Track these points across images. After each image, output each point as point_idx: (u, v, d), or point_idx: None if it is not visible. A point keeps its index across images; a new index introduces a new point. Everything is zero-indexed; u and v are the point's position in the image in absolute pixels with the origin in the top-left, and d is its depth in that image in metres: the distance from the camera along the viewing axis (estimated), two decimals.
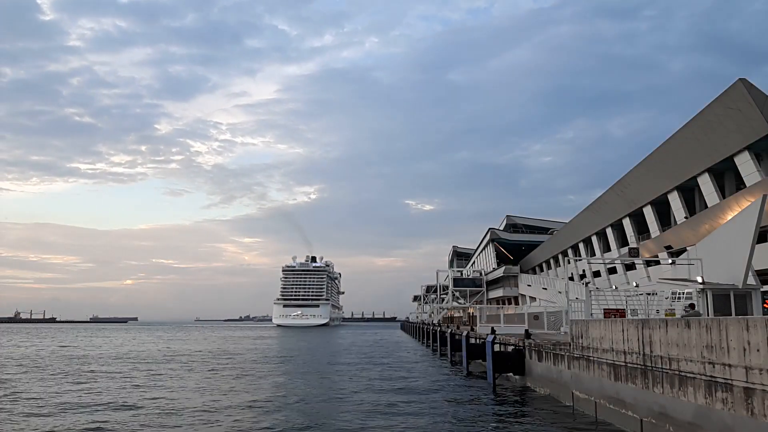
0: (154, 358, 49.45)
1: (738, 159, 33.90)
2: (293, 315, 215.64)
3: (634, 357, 15.44)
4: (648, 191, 46.32)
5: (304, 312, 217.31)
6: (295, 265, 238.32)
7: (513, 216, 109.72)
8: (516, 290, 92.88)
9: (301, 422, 19.25)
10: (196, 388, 28.50)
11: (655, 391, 14.26)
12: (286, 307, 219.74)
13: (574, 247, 68.62)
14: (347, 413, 21.02)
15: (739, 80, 30.62)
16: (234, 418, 19.90)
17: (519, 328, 35.04)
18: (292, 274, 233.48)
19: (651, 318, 20.05)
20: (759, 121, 30.67)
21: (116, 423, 18.81)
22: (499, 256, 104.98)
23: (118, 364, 42.82)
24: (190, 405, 22.56)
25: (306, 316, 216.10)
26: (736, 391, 11.18)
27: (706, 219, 37.57)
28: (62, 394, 26.04)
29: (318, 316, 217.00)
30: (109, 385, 29.17)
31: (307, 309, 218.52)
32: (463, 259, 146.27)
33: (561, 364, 21.40)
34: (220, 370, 38.86)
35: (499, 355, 28.24)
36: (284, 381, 32.09)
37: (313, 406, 22.84)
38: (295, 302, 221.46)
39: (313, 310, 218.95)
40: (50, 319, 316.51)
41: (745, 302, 20.14)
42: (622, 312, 22.80)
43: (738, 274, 20.03)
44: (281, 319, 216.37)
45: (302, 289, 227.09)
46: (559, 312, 37.05)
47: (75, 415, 20.43)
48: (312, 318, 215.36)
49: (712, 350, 11.96)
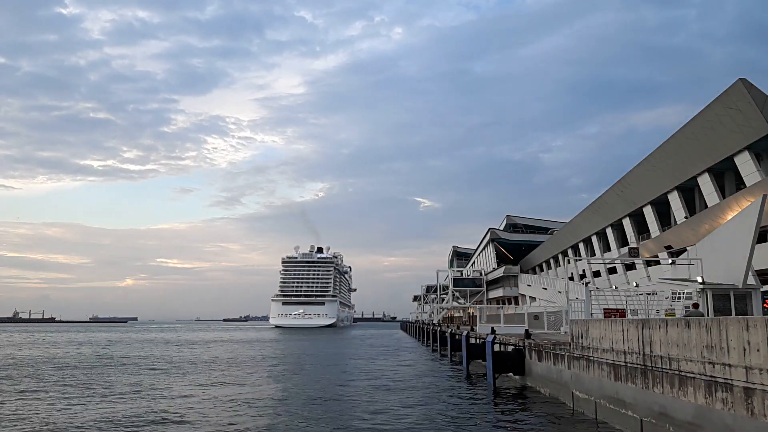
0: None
1: (738, 159, 33.89)
2: (294, 314, 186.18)
3: (634, 357, 15.43)
4: (648, 191, 46.31)
5: (306, 311, 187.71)
6: (297, 256, 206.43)
7: (513, 216, 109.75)
8: (516, 290, 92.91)
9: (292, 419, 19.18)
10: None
11: (655, 391, 14.25)
12: (285, 305, 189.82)
13: (574, 247, 68.61)
14: (347, 414, 21.01)
15: (740, 80, 30.60)
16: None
17: (519, 328, 35.06)
18: (294, 267, 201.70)
19: (651, 318, 20.04)
20: (759, 121, 30.66)
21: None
22: (499, 256, 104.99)
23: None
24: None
25: (309, 315, 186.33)
26: (736, 391, 11.17)
27: (706, 219, 37.56)
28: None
29: (323, 316, 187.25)
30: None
31: (310, 307, 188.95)
32: (463, 259, 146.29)
33: (561, 364, 21.39)
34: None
35: (499, 355, 28.24)
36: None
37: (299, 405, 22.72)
38: (296, 299, 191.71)
39: (318, 308, 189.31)
40: (49, 318, 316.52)
41: (745, 302, 20.14)
42: (622, 312, 22.78)
43: (738, 274, 20.04)
44: (280, 318, 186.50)
45: (305, 284, 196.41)
46: (559, 312, 37.05)
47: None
48: (316, 318, 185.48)
49: (712, 350, 11.95)
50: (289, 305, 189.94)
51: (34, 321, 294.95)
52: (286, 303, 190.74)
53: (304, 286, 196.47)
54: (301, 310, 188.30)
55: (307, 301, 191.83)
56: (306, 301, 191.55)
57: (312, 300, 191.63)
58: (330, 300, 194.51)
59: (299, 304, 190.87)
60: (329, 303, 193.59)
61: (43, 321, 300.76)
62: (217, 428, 18.05)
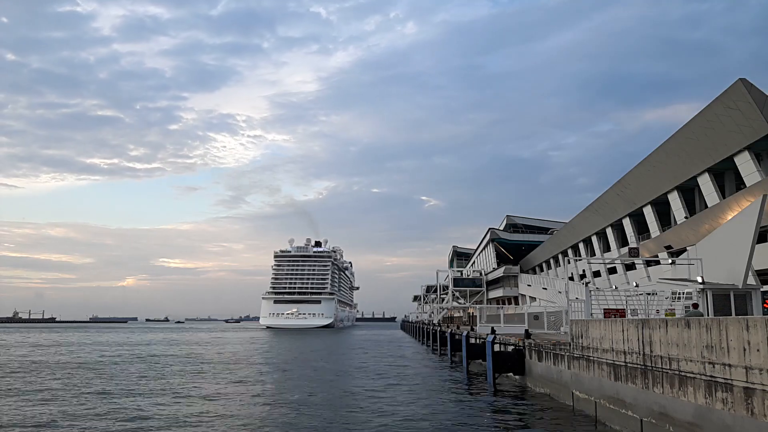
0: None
1: (738, 159, 33.88)
2: (286, 314, 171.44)
3: (634, 357, 15.44)
4: (648, 191, 46.31)
5: (300, 310, 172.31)
6: (291, 249, 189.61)
7: (513, 216, 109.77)
8: (516, 290, 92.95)
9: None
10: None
11: (655, 391, 14.25)
12: (277, 303, 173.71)
13: (574, 247, 68.61)
14: (346, 413, 21.00)
15: (740, 80, 30.59)
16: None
17: (519, 328, 35.04)
18: (287, 262, 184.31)
19: (651, 318, 20.04)
20: (759, 121, 30.65)
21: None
22: (499, 256, 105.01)
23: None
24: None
25: (303, 315, 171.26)
26: (736, 391, 11.17)
27: (706, 219, 37.56)
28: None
29: (319, 315, 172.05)
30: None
31: (304, 306, 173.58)
32: (463, 259, 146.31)
33: (561, 364, 21.39)
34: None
35: (499, 355, 28.26)
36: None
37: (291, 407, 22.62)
38: (289, 297, 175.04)
39: (313, 306, 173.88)
40: (50, 319, 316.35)
41: (745, 302, 20.15)
42: (622, 312, 22.78)
43: (738, 274, 20.05)
44: (271, 318, 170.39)
45: (299, 280, 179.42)
46: (559, 312, 37.03)
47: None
48: (311, 318, 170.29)
49: (712, 350, 11.95)
50: (282, 303, 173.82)
51: (34, 321, 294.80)
52: (278, 301, 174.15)
53: (298, 283, 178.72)
54: (294, 308, 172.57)
55: (301, 299, 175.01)
56: (300, 299, 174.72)
57: (307, 298, 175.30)
58: (327, 298, 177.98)
59: (293, 302, 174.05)
60: (326, 301, 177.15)
61: (43, 321, 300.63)
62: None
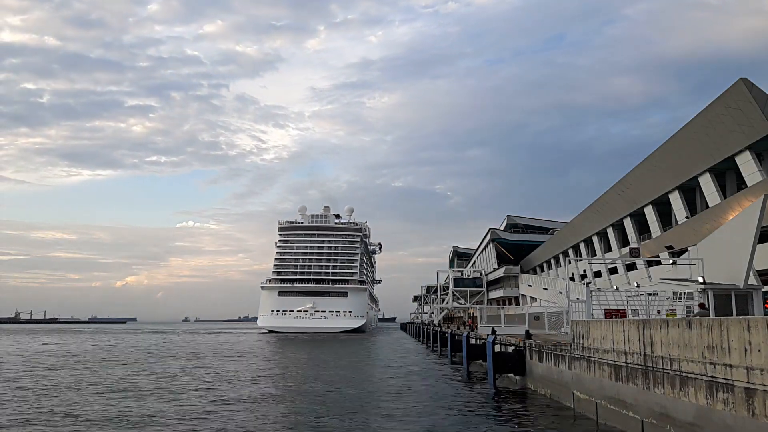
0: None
1: (739, 159, 33.84)
2: (297, 311, 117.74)
3: (635, 357, 15.39)
4: (649, 191, 46.28)
5: (318, 305, 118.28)
6: (302, 221, 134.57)
7: (513, 216, 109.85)
8: (516, 290, 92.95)
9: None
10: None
11: (656, 392, 14.21)
12: (283, 296, 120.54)
13: (574, 247, 68.58)
14: (346, 413, 20.98)
15: (741, 79, 30.55)
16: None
17: (520, 329, 34.97)
18: (297, 237, 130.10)
19: (652, 318, 20.01)
20: (760, 121, 30.60)
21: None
22: (499, 256, 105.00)
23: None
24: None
25: (323, 313, 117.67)
26: (738, 391, 11.13)
27: (708, 219, 37.51)
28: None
29: (346, 314, 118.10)
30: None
31: (324, 300, 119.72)
32: (464, 259, 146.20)
33: (562, 364, 21.35)
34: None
35: (500, 356, 28.21)
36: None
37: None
38: (300, 287, 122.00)
39: (337, 301, 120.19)
40: (51, 319, 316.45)
41: (747, 302, 20.13)
42: (623, 312, 22.75)
43: (739, 274, 20.02)
44: (273, 318, 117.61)
45: (316, 263, 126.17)
46: (559, 312, 36.98)
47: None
48: (334, 317, 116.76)
49: (713, 351, 11.91)
50: (290, 296, 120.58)
51: (35, 321, 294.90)
52: (284, 293, 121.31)
53: (314, 265, 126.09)
54: (310, 303, 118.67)
55: (319, 288, 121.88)
56: (317, 289, 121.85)
57: (328, 288, 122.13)
58: (357, 288, 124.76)
59: (306, 293, 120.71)
60: (355, 293, 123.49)
61: (45, 321, 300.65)
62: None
